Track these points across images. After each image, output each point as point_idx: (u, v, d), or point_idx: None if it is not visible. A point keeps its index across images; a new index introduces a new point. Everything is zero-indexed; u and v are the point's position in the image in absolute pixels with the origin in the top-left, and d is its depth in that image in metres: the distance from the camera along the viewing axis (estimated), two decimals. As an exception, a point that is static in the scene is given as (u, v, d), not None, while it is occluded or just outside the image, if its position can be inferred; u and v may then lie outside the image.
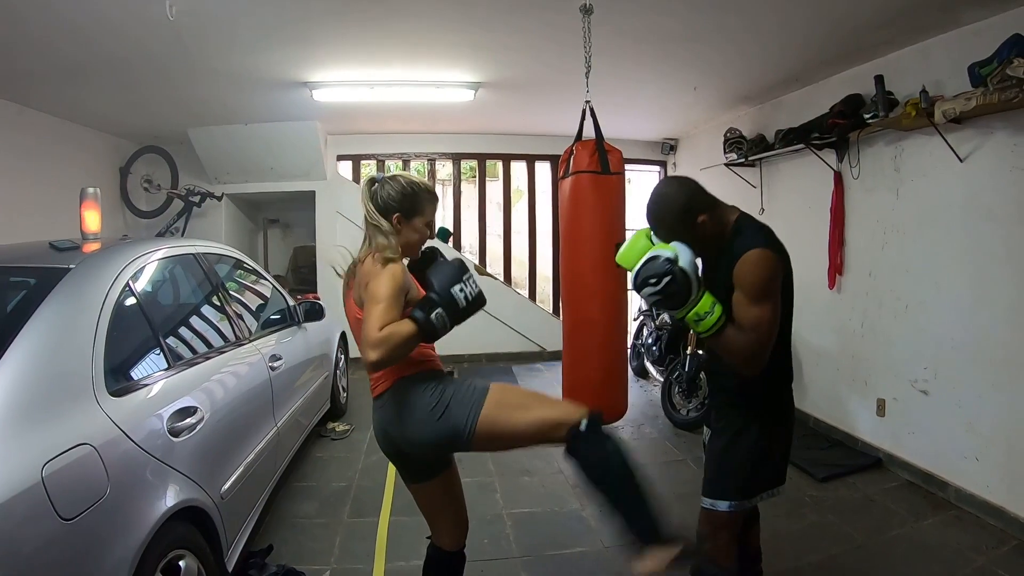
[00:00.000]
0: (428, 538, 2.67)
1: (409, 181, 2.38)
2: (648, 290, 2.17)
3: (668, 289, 2.13)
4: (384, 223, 2.32)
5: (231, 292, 3.97)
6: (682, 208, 2.26)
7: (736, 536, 2.50)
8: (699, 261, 2.27)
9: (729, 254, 2.23)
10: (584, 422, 2.19)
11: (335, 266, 2.54)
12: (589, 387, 3.39)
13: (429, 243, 2.55)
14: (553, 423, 2.23)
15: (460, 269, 2.26)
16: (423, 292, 2.31)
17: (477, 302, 2.25)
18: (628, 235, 2.81)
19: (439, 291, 2.18)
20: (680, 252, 2.16)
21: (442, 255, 2.54)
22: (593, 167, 3.39)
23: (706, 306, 2.16)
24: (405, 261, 2.37)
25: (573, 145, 3.50)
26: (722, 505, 2.39)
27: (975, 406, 4.06)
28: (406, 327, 2.08)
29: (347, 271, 2.46)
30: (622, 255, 2.35)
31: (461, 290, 2.19)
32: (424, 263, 2.48)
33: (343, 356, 6.20)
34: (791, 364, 2.51)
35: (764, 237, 2.24)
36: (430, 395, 2.25)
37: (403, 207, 2.34)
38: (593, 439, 2.20)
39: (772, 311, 2.16)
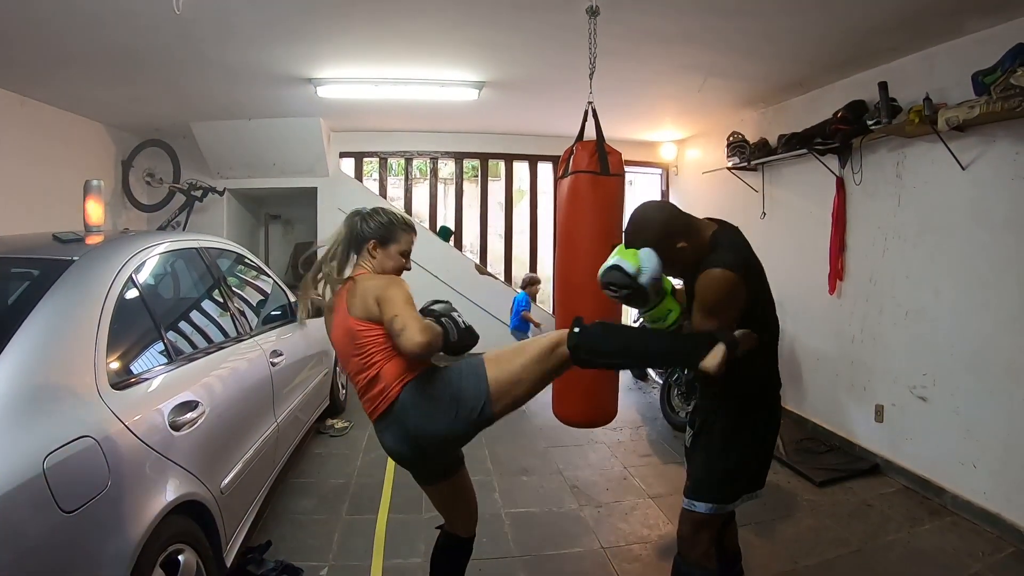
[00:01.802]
0: (438, 528, 2.77)
1: (388, 214, 2.58)
2: (608, 292, 2.34)
3: (625, 297, 2.32)
4: (355, 247, 2.57)
5: (232, 287, 3.97)
6: (660, 235, 2.32)
7: (715, 537, 2.53)
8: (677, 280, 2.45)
9: (701, 267, 2.28)
10: (575, 328, 2.31)
11: (310, 302, 2.60)
12: (579, 387, 3.37)
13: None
14: (550, 347, 2.33)
15: (450, 306, 2.52)
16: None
17: (470, 331, 2.46)
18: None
19: (441, 312, 2.43)
20: (644, 264, 2.25)
21: None
22: (593, 167, 3.37)
23: (661, 312, 2.38)
24: None
25: (574, 145, 3.49)
26: (701, 506, 2.42)
27: (973, 413, 4.07)
28: (437, 327, 2.26)
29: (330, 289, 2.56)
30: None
31: (459, 315, 2.45)
32: None
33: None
34: (778, 371, 2.56)
35: (731, 256, 2.28)
36: (441, 390, 2.30)
37: (378, 235, 2.53)
38: (590, 332, 2.32)
39: (717, 328, 2.24)
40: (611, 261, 2.31)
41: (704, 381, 2.48)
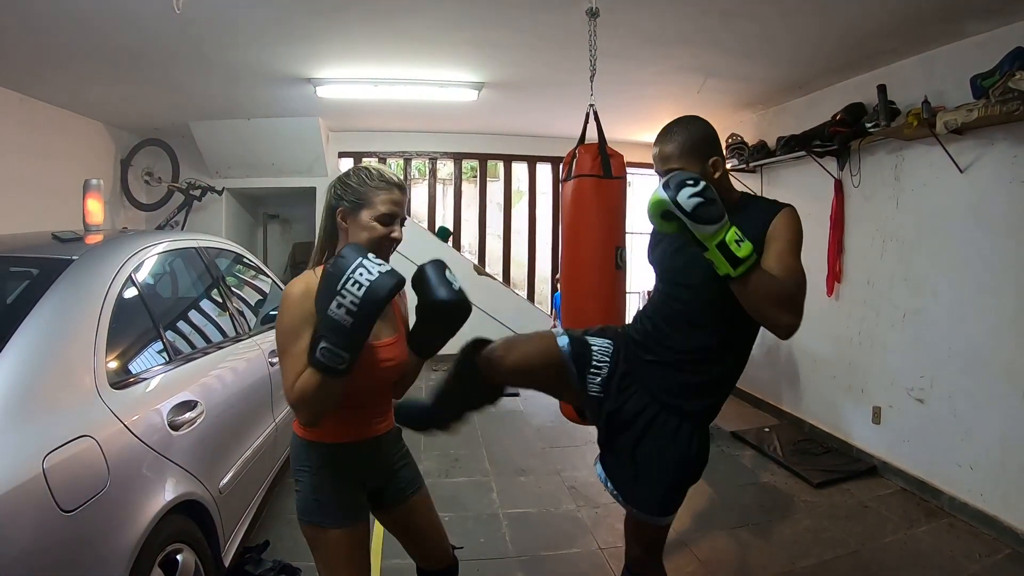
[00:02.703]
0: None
1: (360, 171, 1.98)
2: (688, 191, 1.82)
3: (707, 193, 1.84)
4: (329, 224, 2.01)
5: (231, 287, 3.97)
6: (702, 137, 2.13)
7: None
8: None
9: (756, 210, 2.11)
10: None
11: None
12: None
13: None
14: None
15: (336, 273, 1.70)
16: (400, 316, 2.16)
17: (369, 299, 1.67)
18: (628, 239, 2.80)
19: (319, 317, 1.72)
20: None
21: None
22: (595, 171, 3.38)
23: (736, 234, 1.87)
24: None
25: (576, 148, 3.50)
26: (669, 519, 2.31)
27: (971, 415, 4.08)
28: (312, 377, 1.72)
29: None
30: (651, 201, 1.93)
31: (339, 305, 1.67)
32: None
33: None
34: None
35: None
36: None
37: (347, 198, 1.94)
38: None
39: (802, 269, 2.02)
40: (662, 181, 1.93)
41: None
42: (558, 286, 8.13)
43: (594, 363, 2.29)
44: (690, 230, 1.85)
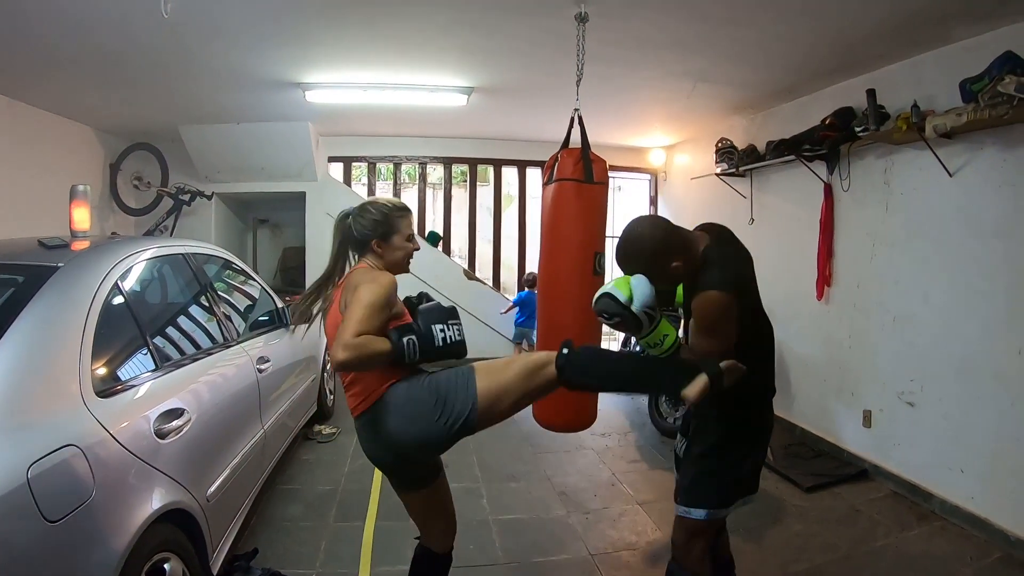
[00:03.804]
0: (416, 539, 2.72)
1: (378, 207, 2.49)
2: (602, 320, 2.36)
3: (617, 325, 2.31)
4: (341, 251, 2.54)
5: (220, 293, 3.95)
6: (655, 253, 2.32)
7: (710, 545, 2.53)
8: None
9: (697, 285, 2.31)
10: (563, 350, 2.30)
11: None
12: (558, 393, 3.36)
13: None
14: (537, 365, 2.32)
15: (449, 313, 2.39)
16: (409, 319, 2.39)
17: (454, 347, 2.35)
18: (608, 243, 2.84)
19: (421, 324, 2.29)
20: (636, 292, 2.24)
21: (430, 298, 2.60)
22: (577, 175, 3.38)
23: (656, 338, 2.31)
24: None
25: (559, 152, 3.49)
26: (698, 513, 2.43)
27: (961, 418, 4.09)
28: (380, 344, 2.14)
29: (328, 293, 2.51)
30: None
31: (443, 331, 2.31)
32: (418, 301, 2.56)
33: (329, 358, 6.15)
34: (773, 378, 2.57)
35: (722, 274, 2.29)
36: (426, 395, 2.27)
37: (379, 232, 2.46)
38: (578, 356, 2.30)
39: (719, 345, 2.26)
40: (604, 289, 2.31)
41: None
42: (525, 287, 8.29)
43: None
44: None
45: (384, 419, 2.28)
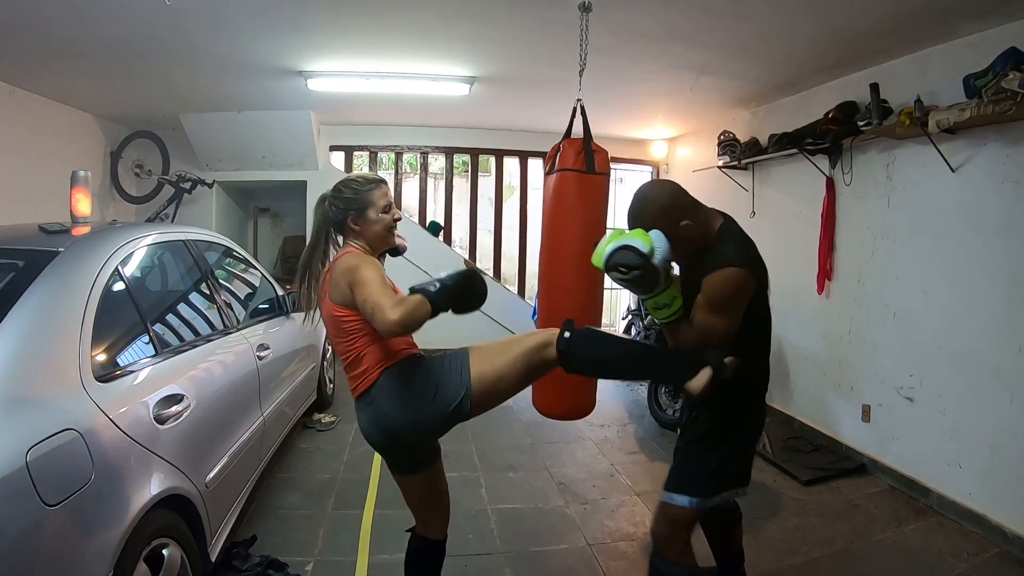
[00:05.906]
0: (408, 531, 2.72)
1: (349, 184, 2.47)
2: (616, 275, 2.25)
3: (635, 279, 2.21)
4: (322, 231, 2.51)
5: (220, 280, 3.95)
6: (665, 209, 2.30)
7: (690, 537, 2.49)
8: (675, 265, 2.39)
9: (710, 259, 2.28)
10: (565, 333, 2.28)
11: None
12: (557, 382, 3.35)
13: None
14: (537, 347, 2.31)
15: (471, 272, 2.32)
16: (398, 290, 2.38)
17: (475, 291, 2.28)
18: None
19: (434, 278, 2.22)
20: (656, 245, 2.19)
21: None
22: (579, 166, 3.37)
23: (666, 299, 2.28)
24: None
25: (561, 142, 3.48)
26: (681, 499, 2.41)
27: (959, 414, 4.09)
28: (413, 297, 2.11)
29: (319, 277, 2.49)
30: (597, 254, 2.33)
31: (449, 280, 2.23)
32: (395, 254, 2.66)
33: (330, 347, 6.16)
34: (768, 371, 2.57)
35: (744, 253, 2.29)
36: (420, 379, 2.29)
37: (352, 207, 2.42)
38: (580, 337, 2.29)
39: (725, 325, 2.24)
40: (620, 241, 2.22)
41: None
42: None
43: None
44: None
45: (380, 401, 2.28)
